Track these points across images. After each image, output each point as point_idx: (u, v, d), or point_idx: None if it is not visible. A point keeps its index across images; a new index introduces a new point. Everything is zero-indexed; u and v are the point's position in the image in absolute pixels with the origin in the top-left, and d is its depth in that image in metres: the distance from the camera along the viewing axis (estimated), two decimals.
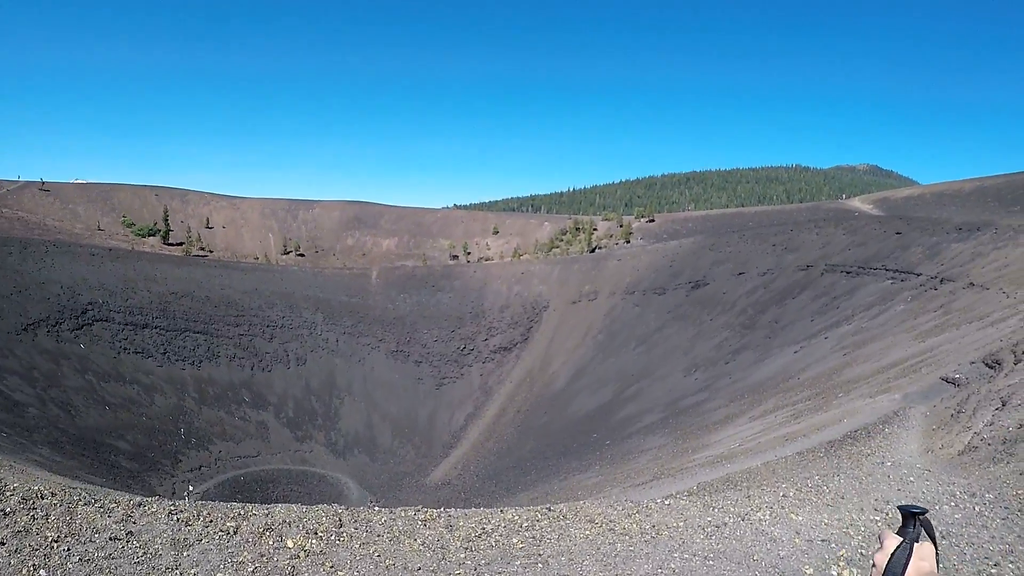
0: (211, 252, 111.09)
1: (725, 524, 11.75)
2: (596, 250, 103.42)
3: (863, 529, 11.24)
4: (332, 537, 10.90)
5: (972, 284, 42.25)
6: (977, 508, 11.32)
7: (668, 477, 26.57)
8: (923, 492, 12.72)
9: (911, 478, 13.89)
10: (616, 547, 11.01)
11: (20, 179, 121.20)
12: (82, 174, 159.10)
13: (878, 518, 11.67)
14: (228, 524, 10.89)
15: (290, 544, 10.41)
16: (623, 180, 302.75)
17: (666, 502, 13.49)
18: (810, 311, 55.56)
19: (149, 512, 11.00)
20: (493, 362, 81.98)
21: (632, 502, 13.70)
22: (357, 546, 10.71)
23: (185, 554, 9.83)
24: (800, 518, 11.80)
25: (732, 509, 12.57)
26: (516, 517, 12.45)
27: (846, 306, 52.08)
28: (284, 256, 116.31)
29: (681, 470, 27.27)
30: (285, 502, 45.84)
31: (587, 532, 11.79)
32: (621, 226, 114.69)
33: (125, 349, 66.63)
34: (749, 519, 11.92)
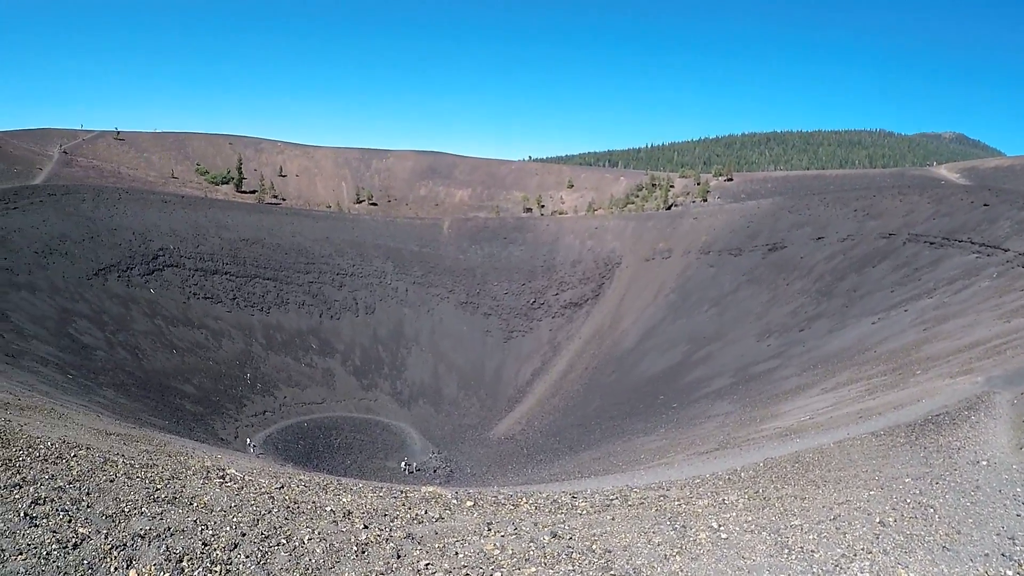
0: (284, 200, 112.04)
1: None
2: (672, 207, 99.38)
3: None
4: None
5: None
6: None
7: (734, 448, 24.59)
8: None
9: (1019, 490, 10.83)
10: None
11: (82, 127, 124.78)
12: (158, 126, 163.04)
13: (1010, 573, 7.85)
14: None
15: None
16: (702, 138, 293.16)
17: (721, 534, 9.65)
18: (890, 281, 51.48)
19: None
20: (563, 317, 79.95)
21: (675, 529, 10.05)
22: None
23: None
24: None
25: (816, 556, 8.52)
26: None
27: (928, 278, 48.01)
28: (357, 205, 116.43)
29: (748, 440, 25.36)
30: (348, 450, 45.18)
31: None
32: (699, 184, 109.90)
33: (195, 294, 67.36)
34: None
